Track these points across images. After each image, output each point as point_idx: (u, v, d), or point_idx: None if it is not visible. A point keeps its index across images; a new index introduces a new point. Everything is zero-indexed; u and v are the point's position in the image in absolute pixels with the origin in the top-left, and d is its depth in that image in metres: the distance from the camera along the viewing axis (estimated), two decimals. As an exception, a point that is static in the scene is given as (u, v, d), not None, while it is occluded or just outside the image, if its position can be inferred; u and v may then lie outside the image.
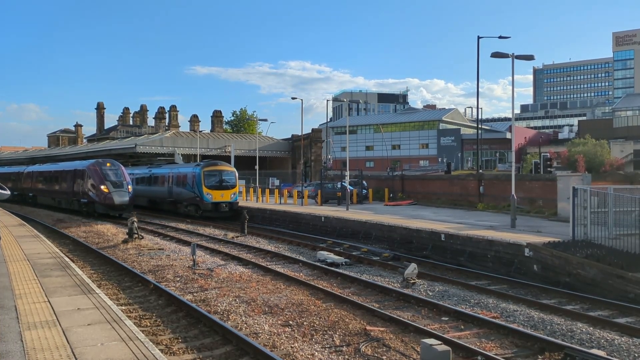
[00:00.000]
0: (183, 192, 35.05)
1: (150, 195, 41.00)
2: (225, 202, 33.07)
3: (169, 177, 37.53)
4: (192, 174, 33.97)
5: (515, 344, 9.62)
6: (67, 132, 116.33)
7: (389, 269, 16.72)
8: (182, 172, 35.71)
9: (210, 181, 33.24)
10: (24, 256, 15.00)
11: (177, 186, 35.93)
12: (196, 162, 40.93)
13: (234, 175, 34.51)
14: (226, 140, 63.70)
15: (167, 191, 37.56)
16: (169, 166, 40.90)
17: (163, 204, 38.88)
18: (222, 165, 34.88)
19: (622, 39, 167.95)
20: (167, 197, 37.66)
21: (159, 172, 40.00)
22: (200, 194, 32.97)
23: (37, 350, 6.88)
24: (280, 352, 8.97)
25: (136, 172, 44.16)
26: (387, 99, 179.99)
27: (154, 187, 40.17)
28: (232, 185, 33.88)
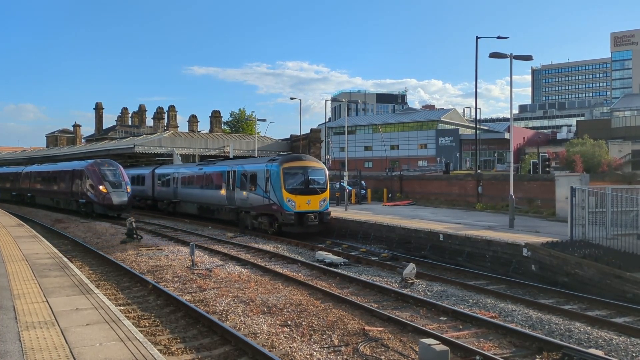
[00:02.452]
0: (251, 198, 25.96)
1: (200, 200, 32.42)
2: (314, 212, 23.64)
3: (229, 177, 28.63)
4: (265, 172, 24.97)
5: (513, 344, 9.64)
6: (65, 133, 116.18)
7: (388, 269, 16.73)
8: (249, 170, 26.92)
9: (293, 182, 24.04)
10: (22, 256, 14.98)
11: (242, 189, 27.13)
12: (270, 156, 30.02)
13: (324, 174, 25.13)
14: (225, 140, 63.64)
15: (227, 197, 28.64)
16: (229, 162, 31.24)
17: (220, 212, 30.03)
18: (308, 160, 25.28)
19: (620, 39, 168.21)
20: (226, 204, 28.69)
21: (213, 171, 31.11)
22: (279, 201, 23.66)
23: (35, 351, 6.87)
24: (278, 352, 8.98)
25: (181, 171, 36.26)
26: (386, 99, 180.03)
27: (207, 191, 31.40)
28: (322, 188, 24.55)
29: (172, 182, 36.80)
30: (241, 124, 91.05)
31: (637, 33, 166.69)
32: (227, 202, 28.60)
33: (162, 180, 39.30)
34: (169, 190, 37.65)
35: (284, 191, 23.58)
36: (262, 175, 25.00)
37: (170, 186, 37.24)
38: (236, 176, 27.69)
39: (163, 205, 39.17)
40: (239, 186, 27.23)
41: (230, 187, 28.08)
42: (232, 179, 28.12)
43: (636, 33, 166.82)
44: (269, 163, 25.09)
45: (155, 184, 40.38)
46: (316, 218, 23.65)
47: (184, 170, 35.99)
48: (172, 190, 36.84)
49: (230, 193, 28.20)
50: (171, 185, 36.98)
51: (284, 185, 23.67)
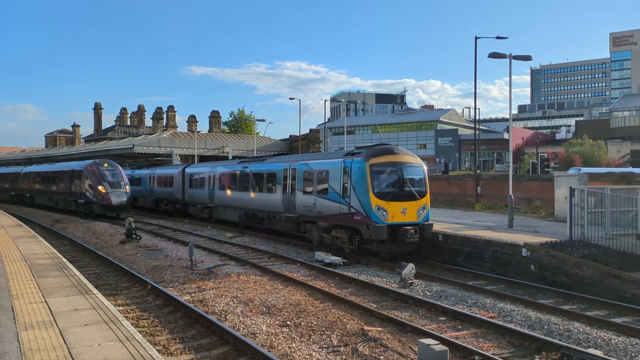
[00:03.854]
0: (320, 205, 19.76)
1: (245, 205, 26.53)
2: (412, 225, 17.64)
3: (286, 177, 22.39)
4: (341, 169, 18.83)
5: (512, 344, 9.63)
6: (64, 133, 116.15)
7: (387, 269, 16.72)
8: (316, 167, 20.66)
9: (384, 184, 18.09)
10: (21, 257, 14.96)
11: (305, 193, 20.82)
12: (349, 149, 21.63)
13: (422, 172, 19.08)
14: (224, 140, 63.59)
15: (283, 202, 22.47)
16: (285, 158, 25.30)
17: (272, 221, 24.18)
18: (402, 154, 18.88)
19: (619, 39, 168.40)
20: (282, 212, 22.73)
21: (264, 169, 25.03)
22: (365, 209, 17.59)
23: (34, 351, 6.86)
24: (278, 352, 8.97)
25: (219, 169, 30.18)
26: (385, 99, 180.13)
27: (255, 194, 25.36)
28: (420, 191, 18.43)
29: (208, 183, 30.92)
30: (240, 124, 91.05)
31: (636, 33, 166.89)
32: (283, 208, 22.47)
33: (194, 181, 33.35)
34: (202, 192, 31.80)
35: (372, 196, 17.43)
36: (337, 174, 18.93)
37: (204, 188, 31.40)
38: (297, 175, 21.52)
39: (195, 211, 33.35)
40: (300, 188, 21.17)
41: (289, 189, 22.08)
42: (290, 179, 22.02)
43: (635, 33, 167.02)
44: (348, 157, 18.85)
45: (186, 186, 34.53)
46: (417, 233, 17.49)
47: (223, 168, 29.94)
48: (208, 193, 30.87)
49: (287, 197, 22.09)
50: (206, 187, 31.12)
51: (371, 188, 17.52)
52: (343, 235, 19.08)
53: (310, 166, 21.10)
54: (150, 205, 41.16)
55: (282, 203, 22.57)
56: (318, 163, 20.90)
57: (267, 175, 24.27)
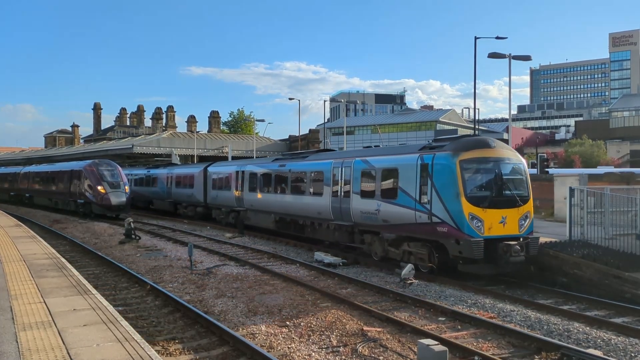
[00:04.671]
0: (387, 211, 16.37)
1: (282, 210, 23.27)
2: (515, 238, 14.21)
3: (336, 177, 19.15)
4: (419, 166, 15.28)
5: (512, 344, 9.63)
6: (64, 133, 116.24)
7: (386, 270, 16.70)
8: (379, 164, 17.20)
9: (478, 185, 14.68)
10: (20, 257, 14.94)
11: (365, 196, 17.49)
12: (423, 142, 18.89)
13: (523, 171, 15.36)
14: (223, 140, 63.58)
15: (333, 207, 19.13)
16: (333, 154, 22.08)
17: (318, 229, 20.67)
18: (499, 148, 15.17)
19: (618, 39, 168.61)
20: (331, 219, 19.43)
21: (306, 168, 21.51)
22: (454, 218, 14.09)
23: (32, 351, 6.84)
24: (277, 352, 8.96)
25: (249, 168, 26.78)
26: (385, 99, 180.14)
27: (295, 197, 21.98)
28: (523, 196, 14.80)
29: (235, 184, 27.56)
30: (240, 124, 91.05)
31: (636, 33, 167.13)
32: (332, 214, 19.11)
33: (218, 182, 30.01)
34: (228, 195, 28.47)
35: (464, 201, 13.91)
36: (412, 173, 15.35)
37: (230, 189, 28.06)
38: (352, 175, 18.05)
39: (220, 215, 30.22)
40: (357, 191, 17.76)
41: (340, 192, 18.68)
42: (343, 179, 18.63)
43: (634, 33, 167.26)
44: (427, 152, 15.36)
45: (209, 187, 31.32)
46: (523, 249, 13.99)
47: (254, 167, 26.34)
48: (235, 196, 27.69)
49: (339, 202, 18.68)
50: (232, 189, 27.77)
51: (463, 192, 13.99)
52: (420, 250, 15.50)
53: (371, 163, 17.46)
54: (167, 208, 37.84)
55: (331, 208, 19.14)
56: (383, 160, 17.11)
57: (311, 175, 20.84)
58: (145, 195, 42.05)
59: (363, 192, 17.58)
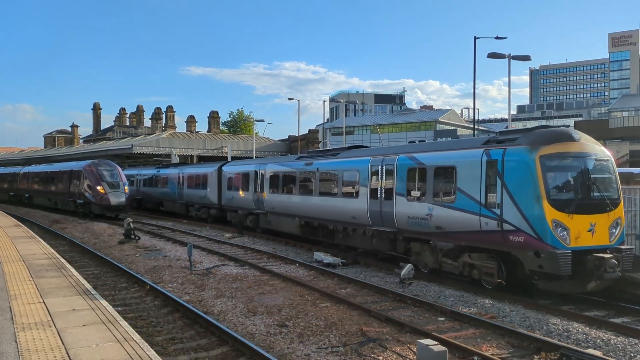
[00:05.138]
0: (442, 217, 14.27)
1: (309, 213, 20.82)
2: (607, 250, 12.09)
3: (373, 176, 17.18)
4: (484, 163, 13.12)
5: (511, 344, 9.62)
6: (63, 133, 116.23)
7: (386, 270, 16.70)
8: (434, 162, 14.89)
9: (563, 186, 12.70)
10: (19, 257, 14.94)
11: (412, 198, 15.39)
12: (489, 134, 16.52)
13: (612, 169, 13.18)
14: (223, 141, 63.58)
15: (372, 210, 17.02)
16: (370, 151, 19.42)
17: (351, 235, 18.64)
18: (584, 142, 13.05)
19: (618, 39, 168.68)
20: (367, 223, 17.39)
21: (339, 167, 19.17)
22: (534, 226, 11.92)
23: (31, 351, 6.84)
24: (276, 352, 8.96)
25: (270, 167, 24.55)
26: (384, 99, 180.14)
27: (324, 199, 19.75)
28: (613, 198, 12.72)
29: (254, 185, 25.45)
30: (240, 124, 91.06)
31: (635, 34, 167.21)
32: (370, 219, 17.07)
33: (234, 182, 27.98)
34: (246, 196, 26.45)
35: (547, 205, 11.83)
36: (475, 171, 13.22)
37: (249, 190, 26.09)
38: (396, 174, 16.00)
39: (235, 218, 27.81)
40: (402, 192, 15.68)
41: (381, 193, 16.63)
42: (384, 178, 16.58)
43: (634, 34, 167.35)
44: (494, 146, 13.14)
45: (224, 188, 29.30)
46: (619, 263, 11.73)
47: (276, 166, 24.16)
48: (254, 197, 25.45)
49: (379, 204, 16.65)
50: (251, 189, 25.76)
51: (545, 194, 11.90)
52: (487, 263, 13.15)
53: (420, 161, 15.29)
54: (179, 210, 35.75)
55: (368, 212, 17.09)
56: (435, 156, 15.01)
57: (344, 174, 18.69)
58: (154, 196, 40.28)
59: (410, 193, 15.47)
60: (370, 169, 17.31)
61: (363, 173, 17.60)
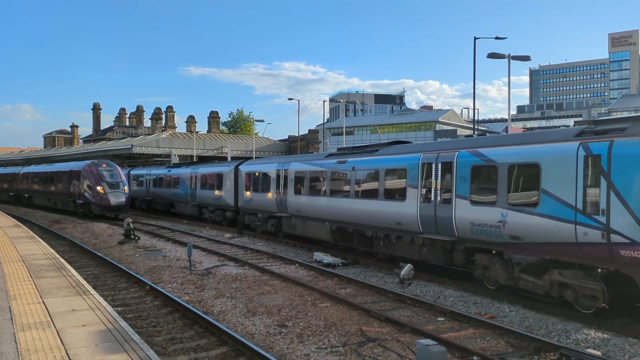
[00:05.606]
0: (524, 224, 11.86)
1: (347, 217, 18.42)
2: None
3: (427, 174, 14.88)
4: (584, 161, 10.76)
5: (511, 344, 9.63)
6: (63, 133, 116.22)
7: (385, 270, 16.70)
8: (507, 158, 12.56)
9: None
10: (19, 257, 14.94)
11: (478, 202, 13.22)
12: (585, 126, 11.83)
13: None
14: (223, 141, 63.62)
15: (424, 215, 14.83)
16: (418, 147, 17.48)
17: (398, 244, 16.33)
18: None
19: (617, 40, 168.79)
20: (422, 230, 14.99)
21: (381, 165, 16.91)
22: None
23: (31, 352, 6.84)
24: (276, 352, 8.96)
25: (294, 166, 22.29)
26: (384, 99, 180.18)
27: (374, 204, 16.94)
28: None
29: (275, 186, 23.44)
30: (239, 124, 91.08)
31: (635, 34, 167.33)
32: (421, 225, 14.93)
33: (252, 183, 25.83)
34: (266, 198, 24.20)
35: None
36: (569, 169, 11.08)
37: (269, 192, 23.97)
38: (456, 172, 13.77)
39: (255, 222, 25.77)
40: (464, 194, 13.43)
41: (435, 195, 14.42)
42: (439, 178, 14.43)
43: (634, 34, 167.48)
44: (596, 138, 10.85)
45: (241, 189, 27.09)
46: None
47: (301, 165, 21.77)
48: (276, 199, 23.33)
49: (432, 208, 14.49)
50: (272, 191, 23.74)
51: None
52: (587, 283, 10.87)
53: (487, 157, 12.99)
54: (191, 213, 33.88)
55: (419, 217, 14.90)
56: (512, 151, 12.52)
57: (387, 174, 16.51)
58: (165, 197, 37.89)
59: (475, 196, 13.18)
60: (421, 167, 15.06)
61: (412, 172, 15.35)
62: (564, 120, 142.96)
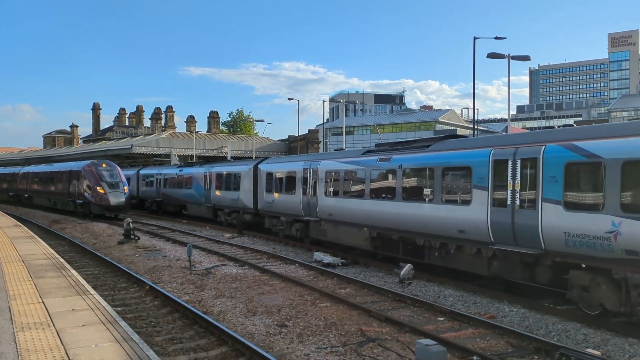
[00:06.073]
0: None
1: (391, 223, 16.25)
2: None
3: (504, 174, 12.40)
4: None
5: (510, 344, 9.63)
6: (62, 133, 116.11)
7: (385, 270, 16.70)
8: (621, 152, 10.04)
9: None
10: (18, 257, 14.94)
11: (577, 207, 10.80)
12: None
13: None
14: (223, 141, 63.61)
15: (497, 222, 12.49)
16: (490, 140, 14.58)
17: (459, 256, 14.13)
18: None
19: (617, 40, 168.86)
20: (493, 241, 12.66)
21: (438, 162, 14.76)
22: None
23: (30, 352, 6.84)
24: (276, 352, 8.95)
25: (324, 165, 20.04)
26: (384, 99, 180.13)
27: (427, 208, 14.89)
28: None
29: (302, 186, 21.23)
30: (239, 124, 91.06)
31: (635, 34, 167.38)
32: (492, 235, 12.63)
33: (274, 183, 23.66)
34: (292, 200, 21.96)
35: None
36: None
37: (295, 193, 21.73)
38: (541, 171, 11.57)
39: (278, 226, 23.72)
40: (554, 196, 11.26)
41: (512, 198, 12.11)
42: (518, 178, 12.05)
43: (633, 34, 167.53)
44: None
45: (260, 189, 25.06)
46: None
47: (334, 163, 19.53)
48: (302, 201, 21.08)
49: (508, 214, 12.18)
50: (298, 192, 21.46)
51: None
52: None
53: (591, 151, 10.63)
54: (205, 215, 31.88)
55: (490, 225, 12.63)
56: (625, 144, 10.15)
57: (446, 173, 14.32)
58: (176, 198, 35.78)
59: (571, 200, 10.94)
60: (492, 164, 12.70)
61: (479, 170, 13.03)
62: (563, 120, 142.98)
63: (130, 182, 41.06)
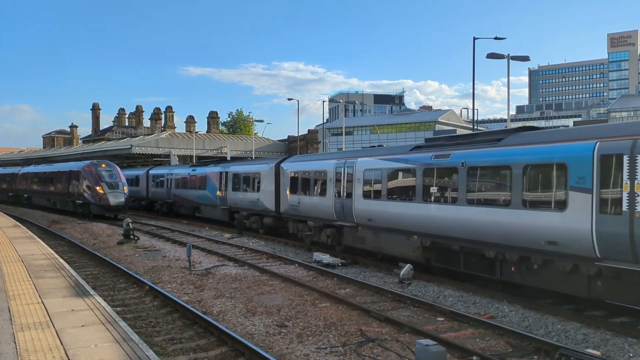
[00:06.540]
0: None
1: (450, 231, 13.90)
2: None
3: (607, 171, 10.14)
4: None
5: (510, 344, 9.63)
6: (62, 133, 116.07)
7: (385, 270, 16.70)
8: None
9: None
10: (18, 257, 14.93)
11: None
12: None
13: None
14: (222, 141, 63.60)
15: (604, 232, 10.10)
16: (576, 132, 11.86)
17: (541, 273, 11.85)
18: None
19: (617, 40, 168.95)
20: (598, 257, 10.29)
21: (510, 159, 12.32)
22: None
23: (30, 352, 6.84)
24: (275, 353, 8.95)
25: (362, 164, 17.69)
26: (383, 100, 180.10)
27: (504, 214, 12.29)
28: None
29: (333, 187, 19.01)
30: (239, 124, 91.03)
31: (634, 34, 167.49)
32: (598, 249, 10.29)
33: (300, 184, 21.45)
34: (321, 203, 19.78)
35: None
36: None
37: (326, 195, 19.38)
38: None
39: (305, 231, 21.25)
40: None
41: (628, 202, 9.79)
42: (637, 177, 9.73)
43: (633, 34, 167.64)
44: None
45: (283, 191, 22.70)
46: None
47: (374, 161, 17.27)
48: (334, 204, 18.87)
49: (622, 223, 9.88)
50: (330, 194, 19.16)
51: None
52: None
53: None
54: (220, 217, 29.61)
55: (595, 235, 10.33)
56: None
57: (526, 171, 11.89)
58: (189, 200, 33.58)
59: None
60: (598, 160, 10.35)
61: (579, 168, 10.69)
62: (563, 120, 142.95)
63: (140, 183, 40.83)
